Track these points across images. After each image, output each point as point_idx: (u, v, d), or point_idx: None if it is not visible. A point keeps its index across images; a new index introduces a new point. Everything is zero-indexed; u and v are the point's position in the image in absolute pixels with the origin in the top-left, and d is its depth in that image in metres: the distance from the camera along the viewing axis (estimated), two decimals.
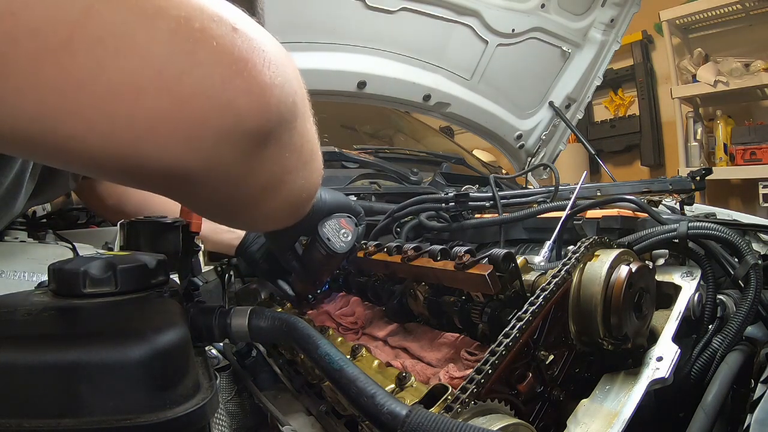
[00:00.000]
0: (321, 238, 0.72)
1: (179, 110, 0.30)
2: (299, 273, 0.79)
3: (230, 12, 0.33)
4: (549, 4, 1.95)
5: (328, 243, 0.72)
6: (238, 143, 0.34)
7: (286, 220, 0.57)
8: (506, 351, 0.48)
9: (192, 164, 0.33)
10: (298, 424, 0.72)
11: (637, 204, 0.84)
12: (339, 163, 1.57)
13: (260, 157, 0.38)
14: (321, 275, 0.83)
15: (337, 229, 0.73)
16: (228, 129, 0.33)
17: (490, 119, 2.11)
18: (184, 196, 0.41)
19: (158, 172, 0.33)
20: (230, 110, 0.32)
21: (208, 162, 0.34)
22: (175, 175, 0.34)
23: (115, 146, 0.30)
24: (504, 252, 0.57)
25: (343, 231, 0.73)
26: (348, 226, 0.74)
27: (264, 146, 0.37)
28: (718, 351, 0.62)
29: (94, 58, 0.27)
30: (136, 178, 0.36)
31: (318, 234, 0.72)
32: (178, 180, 0.35)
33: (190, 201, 0.45)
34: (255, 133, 0.35)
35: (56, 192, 0.95)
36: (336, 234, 0.73)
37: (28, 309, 0.41)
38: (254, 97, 0.33)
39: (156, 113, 0.30)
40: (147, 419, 0.36)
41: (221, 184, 0.38)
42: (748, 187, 3.21)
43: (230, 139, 0.33)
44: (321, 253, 0.73)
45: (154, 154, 0.31)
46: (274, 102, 0.35)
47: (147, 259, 0.49)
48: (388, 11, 1.68)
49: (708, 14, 3.21)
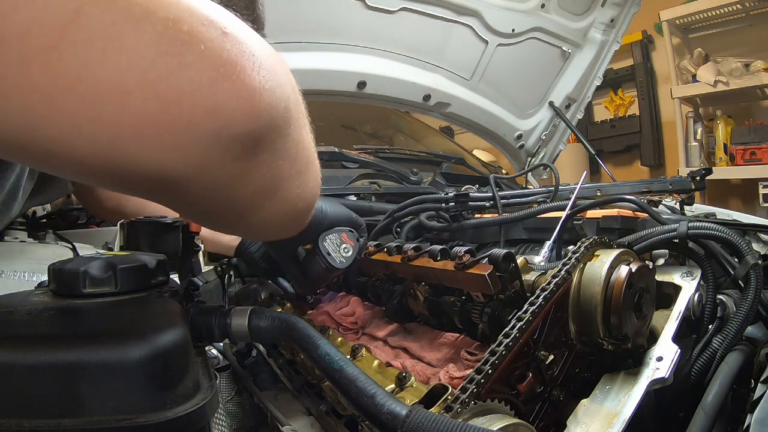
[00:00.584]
0: (321, 252, 0.71)
1: (166, 113, 0.30)
2: (299, 280, 0.79)
3: (221, 15, 0.32)
4: (549, 4, 1.95)
5: (328, 258, 0.71)
6: (228, 148, 0.34)
7: (285, 229, 0.56)
8: (506, 351, 0.48)
9: (180, 168, 0.33)
10: (298, 424, 0.72)
11: (637, 204, 0.84)
12: (339, 163, 1.57)
13: (251, 163, 0.37)
14: (320, 284, 0.83)
15: (338, 243, 0.72)
16: (216, 133, 0.32)
17: (490, 119, 2.11)
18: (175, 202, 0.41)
19: (146, 176, 0.33)
20: (218, 114, 0.32)
21: (196, 166, 0.34)
22: (163, 179, 0.33)
23: (102, 150, 0.30)
24: (504, 252, 0.57)
25: (344, 246, 0.73)
26: (349, 241, 0.73)
27: (255, 152, 0.36)
28: (718, 351, 0.62)
29: (81, 60, 0.27)
30: (125, 182, 0.35)
31: (318, 248, 0.71)
32: (167, 185, 0.34)
33: (181, 207, 0.44)
34: (245, 138, 0.34)
35: (55, 193, 0.95)
36: (337, 248, 0.72)
37: (28, 309, 0.41)
38: (243, 101, 0.33)
39: (143, 116, 0.29)
40: (147, 419, 0.36)
41: (211, 190, 0.37)
42: (748, 187, 3.21)
43: (219, 144, 0.33)
44: (321, 266, 0.72)
45: (141, 158, 0.31)
46: (264, 106, 0.34)
47: (147, 259, 0.49)
48: (388, 11, 1.68)
49: (708, 14, 3.21)
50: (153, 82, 0.29)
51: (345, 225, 0.74)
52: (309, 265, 0.75)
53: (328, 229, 0.72)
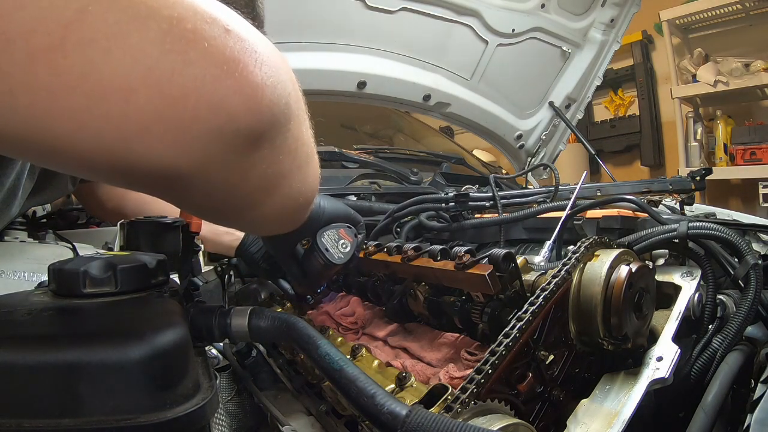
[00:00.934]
0: (319, 248, 0.71)
1: (170, 110, 0.30)
2: (298, 278, 0.78)
3: (223, 13, 0.33)
4: (549, 4, 1.95)
5: (326, 254, 0.71)
6: (231, 143, 0.34)
7: (284, 224, 0.57)
8: (506, 351, 0.48)
9: (183, 164, 0.34)
10: (298, 424, 0.72)
11: (637, 204, 0.84)
12: (339, 163, 1.57)
13: (253, 158, 0.38)
14: (319, 282, 0.82)
15: (336, 239, 0.72)
16: (220, 128, 0.33)
17: (490, 119, 2.11)
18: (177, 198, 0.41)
19: (150, 172, 0.33)
20: (222, 110, 0.32)
21: (199, 162, 0.34)
22: (167, 175, 0.34)
23: (107, 146, 0.30)
24: (504, 252, 0.57)
25: (342, 242, 0.72)
26: (347, 237, 0.73)
27: (257, 147, 0.37)
28: (718, 351, 0.62)
29: (86, 59, 0.27)
30: (128, 178, 0.36)
31: (316, 244, 0.71)
32: (170, 180, 0.35)
33: (183, 202, 0.45)
34: (247, 134, 0.35)
35: (55, 193, 0.95)
36: (335, 244, 0.72)
37: (28, 309, 0.41)
38: (246, 97, 0.33)
39: (147, 113, 0.30)
40: (147, 419, 0.36)
41: (214, 186, 0.38)
42: (748, 187, 3.21)
43: (222, 139, 0.34)
44: (319, 262, 0.72)
45: (145, 154, 0.32)
46: (266, 102, 0.35)
47: (147, 259, 0.49)
48: (388, 11, 1.68)
49: (708, 14, 3.21)
50: (157, 79, 0.29)
51: (343, 221, 0.74)
52: (307, 262, 0.74)
53: (326, 225, 0.72)
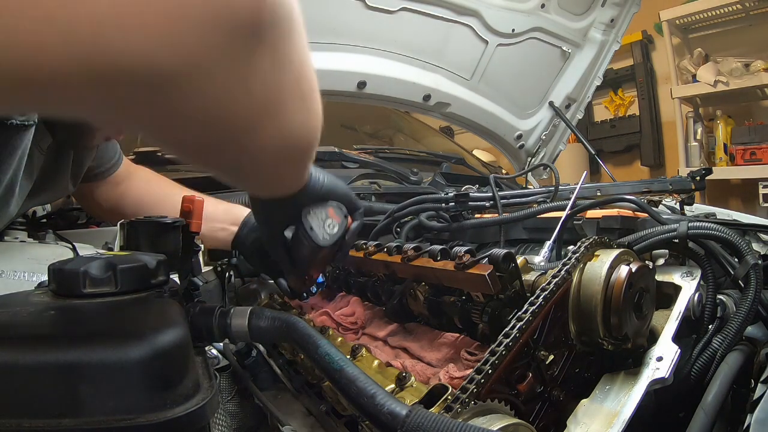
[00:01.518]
0: (303, 227, 0.63)
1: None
2: (286, 267, 0.73)
3: None
4: (549, 4, 1.95)
5: (310, 233, 0.63)
6: (226, 38, 0.30)
7: (283, 174, 0.52)
8: (506, 351, 0.48)
9: (171, 61, 0.28)
10: (298, 424, 0.72)
11: (637, 204, 0.84)
12: (339, 163, 1.57)
13: (253, 61, 0.33)
14: (309, 270, 0.76)
15: (323, 218, 0.64)
16: (214, 18, 0.28)
17: (490, 119, 2.11)
18: (163, 112, 0.34)
19: (131, 75, 0.28)
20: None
21: (189, 59, 0.29)
22: (151, 76, 0.28)
23: (80, 48, 0.25)
24: (504, 252, 0.57)
25: (329, 221, 0.64)
26: (336, 216, 0.65)
27: (257, 45, 0.32)
28: (718, 351, 0.62)
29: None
30: (104, 88, 0.29)
31: (301, 221, 0.63)
32: (155, 86, 0.29)
33: (170, 118, 0.36)
34: (246, 28, 0.30)
35: (55, 194, 0.95)
36: (321, 224, 0.64)
37: (28, 309, 0.41)
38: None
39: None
40: (147, 419, 0.36)
41: (206, 93, 0.32)
42: (748, 187, 3.21)
43: (217, 32, 0.29)
44: (304, 244, 0.65)
45: (125, 50, 0.26)
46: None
47: (147, 259, 0.49)
48: (388, 11, 1.68)
49: (708, 14, 3.21)
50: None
51: (341, 200, 0.67)
52: (294, 247, 0.68)
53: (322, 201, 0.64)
